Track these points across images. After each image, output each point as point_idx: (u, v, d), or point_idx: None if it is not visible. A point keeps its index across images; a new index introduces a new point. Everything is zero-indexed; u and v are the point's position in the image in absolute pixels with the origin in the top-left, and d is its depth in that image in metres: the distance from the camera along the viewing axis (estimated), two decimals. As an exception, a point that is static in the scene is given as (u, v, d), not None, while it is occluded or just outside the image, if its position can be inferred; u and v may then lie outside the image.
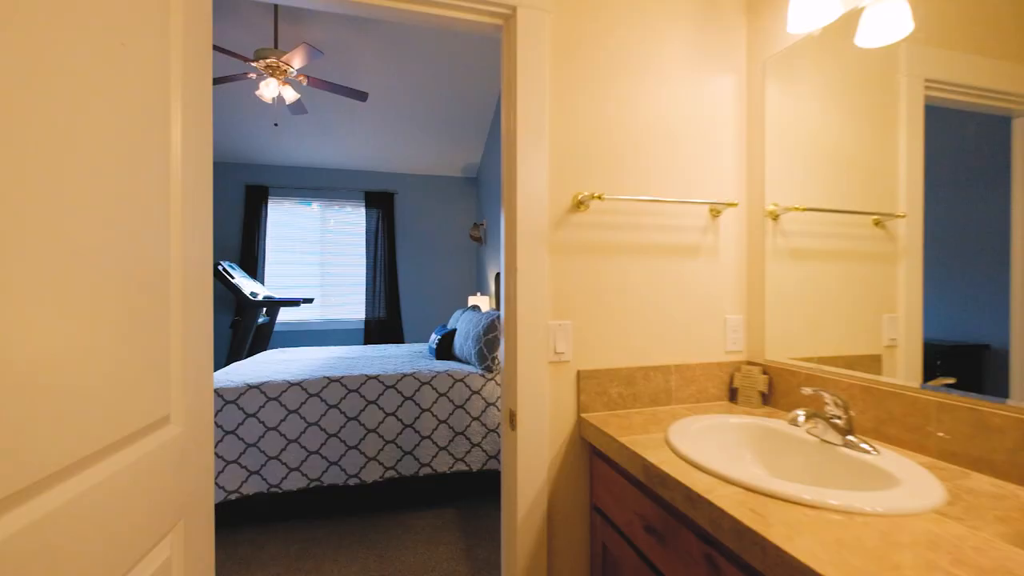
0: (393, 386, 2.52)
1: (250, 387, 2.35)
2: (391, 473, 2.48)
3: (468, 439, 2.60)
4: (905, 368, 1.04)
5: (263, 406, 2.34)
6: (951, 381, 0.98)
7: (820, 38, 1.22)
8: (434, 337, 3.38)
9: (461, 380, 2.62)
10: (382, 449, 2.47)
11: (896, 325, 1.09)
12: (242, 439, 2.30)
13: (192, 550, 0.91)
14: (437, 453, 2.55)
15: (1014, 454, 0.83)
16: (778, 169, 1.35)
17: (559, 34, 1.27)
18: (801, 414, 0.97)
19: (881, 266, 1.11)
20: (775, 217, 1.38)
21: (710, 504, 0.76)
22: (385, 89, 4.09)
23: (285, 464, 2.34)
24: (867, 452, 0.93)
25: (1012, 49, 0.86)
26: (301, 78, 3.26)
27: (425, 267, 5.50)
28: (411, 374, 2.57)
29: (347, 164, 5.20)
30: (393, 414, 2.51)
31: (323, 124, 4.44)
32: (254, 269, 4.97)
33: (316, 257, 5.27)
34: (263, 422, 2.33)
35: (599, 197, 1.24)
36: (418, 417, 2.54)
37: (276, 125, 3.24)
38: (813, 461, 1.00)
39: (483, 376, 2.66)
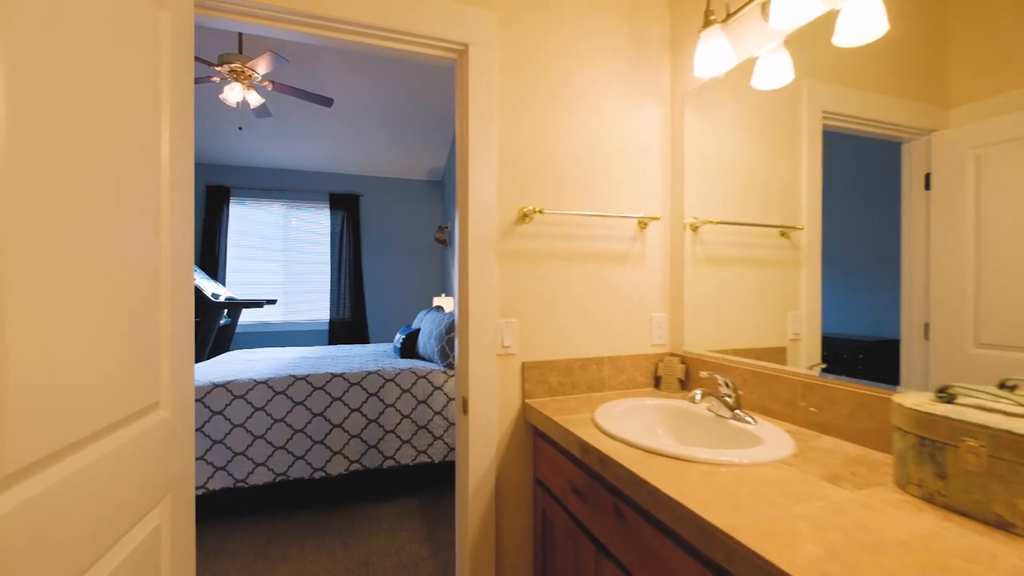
0: (358, 383, 2.65)
1: (216, 386, 2.42)
2: (356, 466, 2.60)
3: (430, 432, 2.74)
4: (807, 357, 1.23)
5: (229, 404, 2.42)
6: (823, 366, 1.21)
7: (725, 80, 1.45)
8: (399, 337, 3.50)
9: (424, 376, 2.77)
10: (347, 443, 2.59)
11: (799, 321, 1.31)
12: (208, 436, 2.37)
13: (178, 519, 1.04)
14: (400, 446, 2.68)
15: (848, 420, 1.07)
16: (698, 187, 1.57)
17: (506, 68, 1.45)
18: (698, 394, 1.19)
19: (786, 271, 1.31)
20: (695, 229, 1.61)
21: (616, 463, 0.96)
22: (350, 93, 4.17)
23: (251, 460, 2.42)
24: (748, 422, 1.15)
25: (898, 87, 1.01)
26: (266, 83, 3.32)
27: (390, 269, 5.59)
28: (375, 371, 2.70)
29: (312, 166, 5.23)
30: (358, 410, 2.63)
31: (287, 126, 4.47)
32: (215, 270, 4.93)
33: (279, 258, 5.27)
34: (229, 419, 2.41)
35: (541, 211, 1.43)
36: (382, 412, 2.67)
37: (240, 129, 3.28)
38: (709, 430, 1.22)
39: (445, 373, 2.81)
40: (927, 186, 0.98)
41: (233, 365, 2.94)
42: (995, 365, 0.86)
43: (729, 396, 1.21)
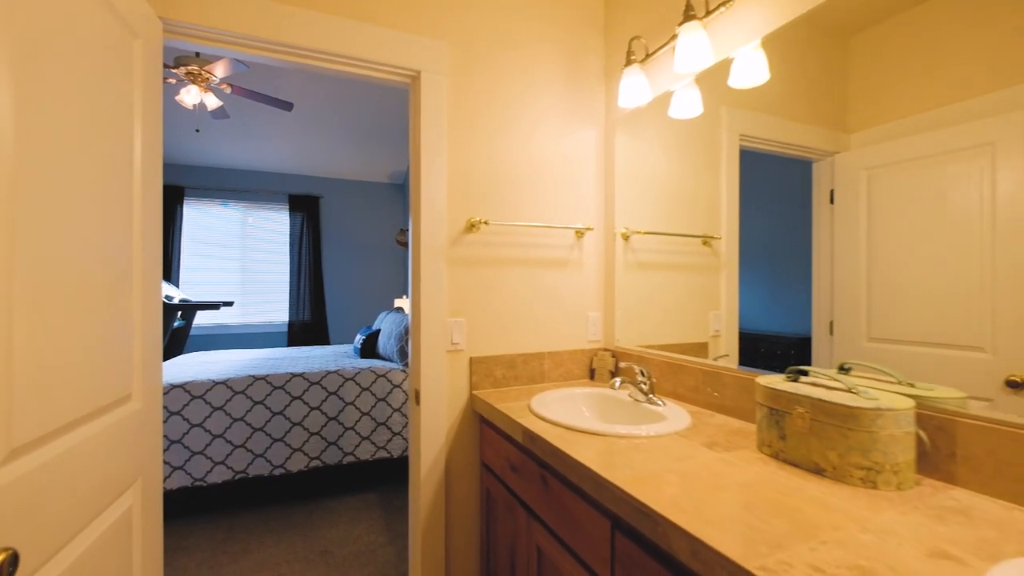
0: (318, 382, 2.73)
1: (174, 387, 2.45)
2: (316, 463, 2.68)
3: (390, 429, 2.86)
4: (726, 351, 1.40)
5: (187, 404, 2.46)
6: (727, 355, 1.43)
7: (648, 109, 1.66)
8: (359, 338, 3.58)
9: (383, 375, 2.88)
10: (307, 440, 2.67)
11: (719, 319, 1.51)
12: (165, 436, 2.40)
13: (148, 501, 1.15)
14: (360, 443, 2.79)
15: (735, 400, 1.29)
16: (630, 201, 1.77)
17: (456, 91, 1.61)
18: (618, 382, 1.39)
19: (708, 275, 1.48)
20: (626, 238, 1.81)
21: (542, 439, 1.14)
22: (311, 97, 4.21)
23: (210, 458, 2.47)
24: (658, 405, 1.36)
25: (809, 115, 1.14)
26: (224, 86, 3.34)
27: (351, 270, 5.62)
28: (335, 371, 2.79)
29: (270, 167, 5.21)
30: (318, 408, 2.71)
31: (246, 128, 4.46)
32: (168, 272, 4.83)
33: (236, 260, 5.21)
34: (187, 419, 2.45)
35: (486, 222, 1.60)
36: (342, 410, 2.76)
37: (198, 131, 3.28)
38: (627, 412, 1.42)
39: (404, 371, 2.94)
40: (832, 200, 1.10)
41: (190, 367, 2.95)
42: (883, 355, 0.99)
43: (644, 383, 1.42)
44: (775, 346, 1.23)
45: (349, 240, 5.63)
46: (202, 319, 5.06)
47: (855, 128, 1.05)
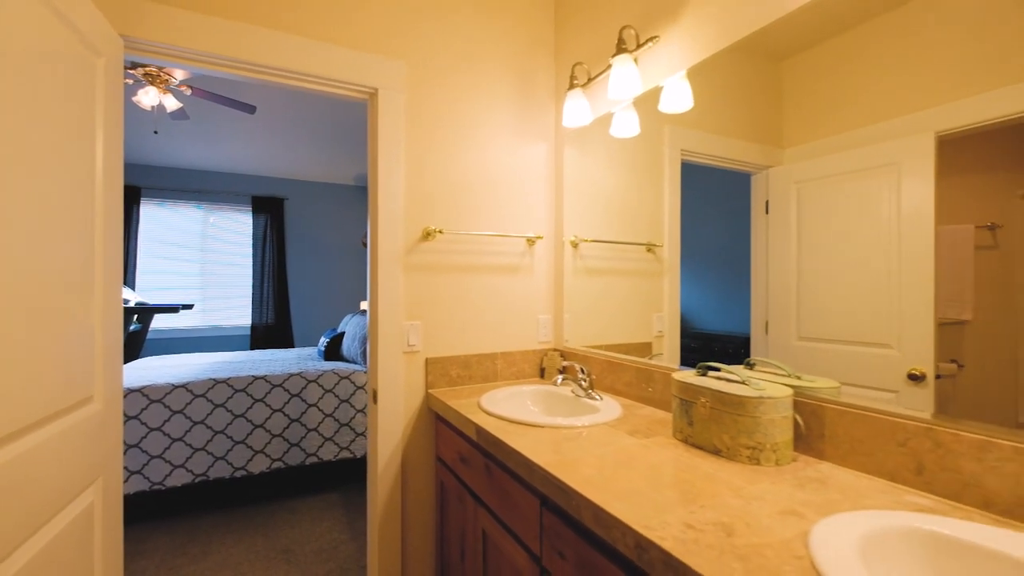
0: (280, 385, 2.76)
1: (131, 391, 2.44)
2: (278, 464, 2.72)
3: (353, 429, 2.92)
4: (668, 350, 1.52)
5: (145, 408, 2.45)
6: (661, 353, 1.58)
7: (592, 127, 1.81)
8: (323, 340, 3.61)
9: (347, 377, 2.94)
10: (269, 442, 2.70)
11: (662, 321, 1.64)
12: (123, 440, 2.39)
13: (108, 499, 1.20)
14: (323, 443, 2.83)
15: (662, 393, 1.44)
16: (579, 211, 1.90)
17: (413, 107, 1.71)
18: (559, 379, 1.52)
19: (652, 280, 1.59)
20: (575, 245, 1.95)
21: (487, 432, 1.25)
22: (274, 99, 4.20)
23: (169, 462, 2.47)
24: (596, 399, 1.50)
25: (747, 132, 1.22)
26: (184, 88, 3.32)
27: (316, 273, 5.60)
28: (298, 373, 2.83)
29: (233, 168, 5.14)
30: (280, 410, 2.75)
31: (207, 129, 4.40)
32: (123, 274, 4.71)
33: (196, 261, 5.12)
34: (145, 423, 2.44)
35: (441, 231, 1.70)
36: (305, 412, 2.80)
37: (156, 132, 3.25)
38: (569, 406, 1.55)
39: (367, 373, 2.99)
40: (767, 211, 1.18)
41: (148, 371, 2.92)
42: (809, 353, 1.07)
43: (584, 380, 1.55)
44: (728, 345, 1.29)
45: (314, 242, 5.60)
46: (160, 322, 4.94)
47: (788, 144, 1.12)
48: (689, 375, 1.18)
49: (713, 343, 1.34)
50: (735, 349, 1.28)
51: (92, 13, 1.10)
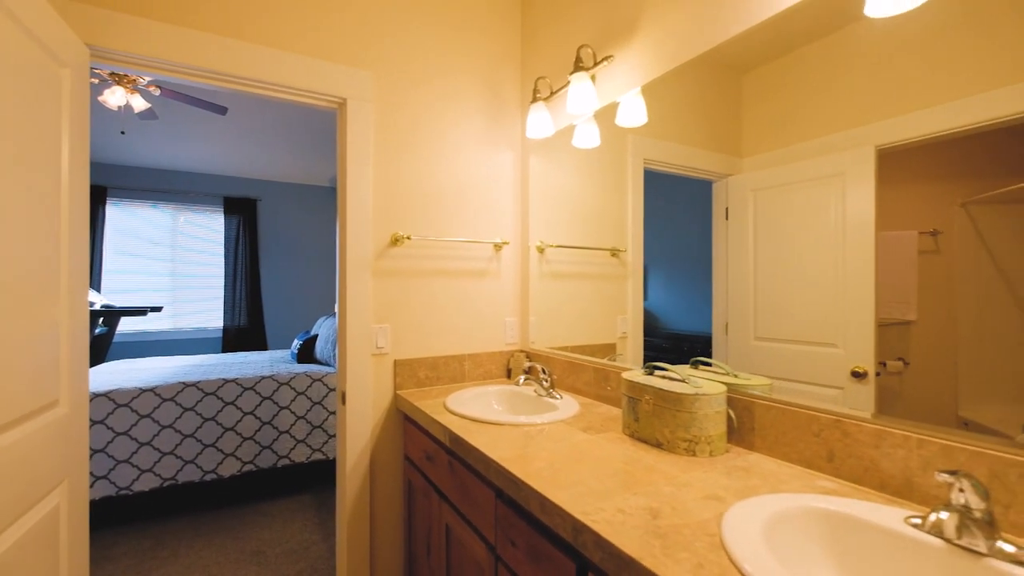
0: (251, 387, 2.77)
1: (97, 395, 2.42)
2: (249, 467, 2.72)
3: (326, 431, 2.94)
4: (632, 350, 1.59)
5: (111, 412, 2.43)
6: (623, 354, 1.66)
7: (557, 137, 1.89)
8: (296, 343, 3.61)
9: (319, 379, 2.95)
10: (240, 445, 2.70)
11: (626, 323, 1.72)
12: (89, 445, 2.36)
13: (75, 501, 1.22)
14: (295, 446, 2.85)
15: (616, 391, 1.52)
16: (546, 218, 1.97)
17: (382, 116, 1.76)
18: (522, 379, 1.60)
19: (616, 283, 1.66)
20: (541, 250, 2.03)
21: (450, 430, 1.31)
22: (247, 100, 4.17)
23: (136, 466, 2.45)
24: (556, 398, 1.57)
25: (708, 142, 1.28)
26: (153, 88, 3.28)
27: (290, 275, 5.55)
28: (270, 376, 2.83)
29: (204, 168, 5.06)
30: (251, 413, 2.75)
31: (177, 129, 4.33)
32: (89, 275, 4.59)
33: (166, 263, 5.03)
34: (111, 428, 2.42)
35: (409, 237, 1.76)
36: (276, 414, 2.81)
37: (123, 133, 3.20)
38: (531, 405, 1.63)
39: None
40: (727, 217, 1.23)
41: (115, 375, 2.89)
42: (765, 352, 1.13)
43: (545, 380, 1.63)
44: (696, 344, 1.33)
45: (288, 244, 5.56)
46: (128, 325, 4.84)
47: (746, 154, 1.17)
48: (637, 374, 1.26)
49: (683, 343, 1.38)
50: (702, 348, 1.32)
51: (57, 24, 1.13)
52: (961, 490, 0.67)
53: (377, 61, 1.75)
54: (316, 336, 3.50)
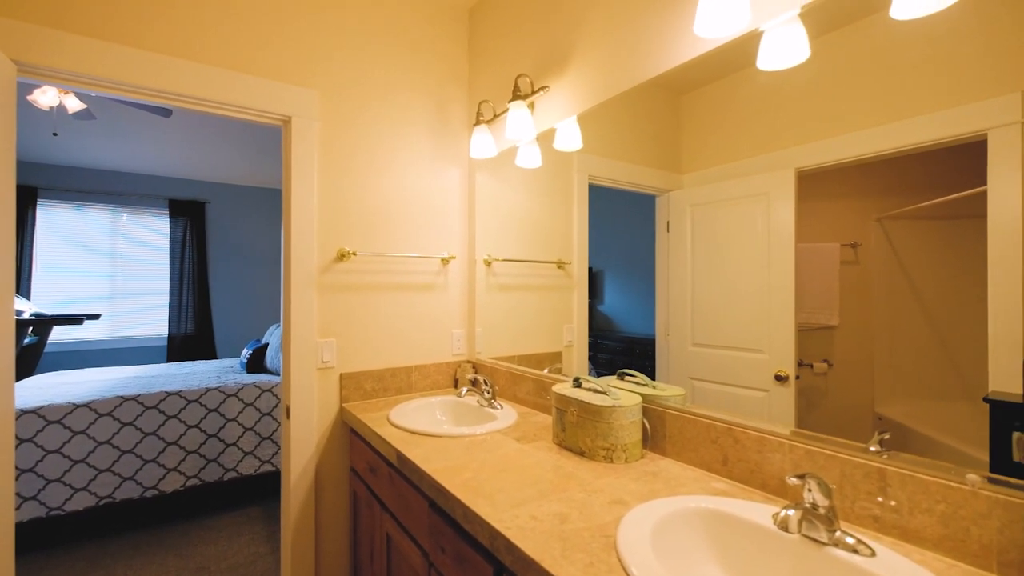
0: (196, 400, 2.70)
1: (24, 412, 2.31)
2: (194, 481, 2.66)
3: (275, 442, 2.90)
4: (578, 358, 1.66)
5: (41, 430, 2.33)
6: (560, 366, 1.75)
7: (502, 156, 1.97)
8: (246, 352, 3.54)
9: (269, 390, 2.92)
10: (183, 460, 2.64)
11: (572, 332, 1.80)
12: (15, 465, 2.26)
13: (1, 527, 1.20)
14: (243, 458, 2.80)
15: (544, 399, 1.62)
16: (493, 232, 2.04)
17: (328, 135, 1.79)
18: (464, 390, 1.67)
19: (563, 293, 1.74)
20: (489, 264, 2.10)
21: (388, 443, 1.37)
22: (194, 104, 4.04)
23: (69, 485, 2.36)
24: (496, 408, 1.65)
25: (651, 159, 1.34)
26: (89, 89, 3.14)
27: (240, 280, 5.40)
28: (216, 388, 2.78)
29: (147, 169, 4.85)
30: (196, 426, 2.69)
31: (118, 128, 4.15)
32: (17, 281, 4.32)
33: (105, 268, 4.79)
34: (41, 446, 2.32)
35: (355, 253, 1.80)
36: (223, 426, 2.76)
37: (55, 135, 3.05)
38: (474, 415, 1.70)
39: (291, 385, 2.99)
40: (668, 230, 1.31)
41: (46, 389, 2.75)
42: (701, 358, 1.20)
43: (487, 391, 1.71)
44: (647, 347, 1.38)
45: (238, 248, 5.40)
46: (62, 334, 4.58)
47: (686, 170, 1.25)
48: (566, 387, 1.36)
49: (635, 346, 1.43)
50: (653, 351, 1.37)
51: (-19, 44, 1.11)
52: (809, 490, 0.79)
53: (324, 79, 1.78)
54: (267, 345, 3.44)
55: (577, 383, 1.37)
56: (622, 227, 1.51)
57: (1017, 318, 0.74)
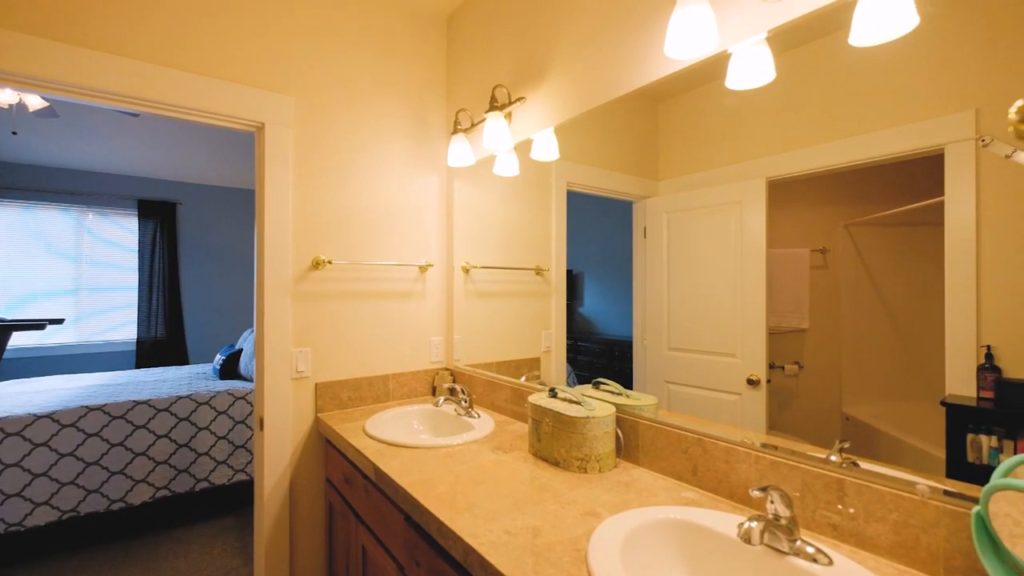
0: (166, 409, 2.63)
1: (-19, 424, 2.21)
2: (163, 493, 2.58)
3: (248, 451, 2.84)
4: (556, 363, 1.68)
5: None
6: (538, 373, 1.77)
7: (480, 165, 1.97)
8: (219, 358, 3.45)
9: (242, 397, 2.86)
10: (152, 471, 2.56)
11: (550, 338, 1.81)
12: (-30, 480, 2.16)
13: (-48, 549, 1.15)
14: (215, 467, 2.74)
15: (522, 407, 1.63)
16: (471, 239, 2.04)
17: (302, 142, 1.77)
18: (442, 399, 1.67)
19: (541, 300, 1.74)
20: (467, 271, 2.10)
21: (363, 455, 1.36)
22: (164, 102, 3.92)
23: (29, 500, 2.27)
24: (474, 417, 1.66)
25: (629, 167, 1.35)
26: (52, 87, 3.02)
27: (214, 283, 5.27)
28: (187, 396, 2.71)
29: (114, 169, 4.69)
30: (166, 436, 2.61)
31: (83, 126, 4.00)
32: (-27, 285, 4.12)
33: (69, 271, 4.61)
34: None
35: (330, 261, 1.78)
36: (194, 436, 2.69)
37: (15, 134, 2.93)
38: (451, 424, 1.70)
39: (266, 392, 2.93)
40: (645, 236, 1.32)
41: (5, 399, 2.64)
42: (677, 361, 1.22)
43: (464, 400, 1.71)
44: (627, 350, 1.39)
45: (212, 250, 5.27)
46: (22, 340, 4.39)
47: (663, 177, 1.26)
48: (542, 397, 1.37)
49: (614, 348, 1.44)
50: (631, 354, 1.38)
51: (-67, 48, 1.06)
52: (772, 502, 0.82)
53: (299, 86, 1.76)
54: (241, 351, 3.37)
55: (553, 393, 1.38)
56: (602, 230, 1.52)
57: (971, 323, 0.78)
